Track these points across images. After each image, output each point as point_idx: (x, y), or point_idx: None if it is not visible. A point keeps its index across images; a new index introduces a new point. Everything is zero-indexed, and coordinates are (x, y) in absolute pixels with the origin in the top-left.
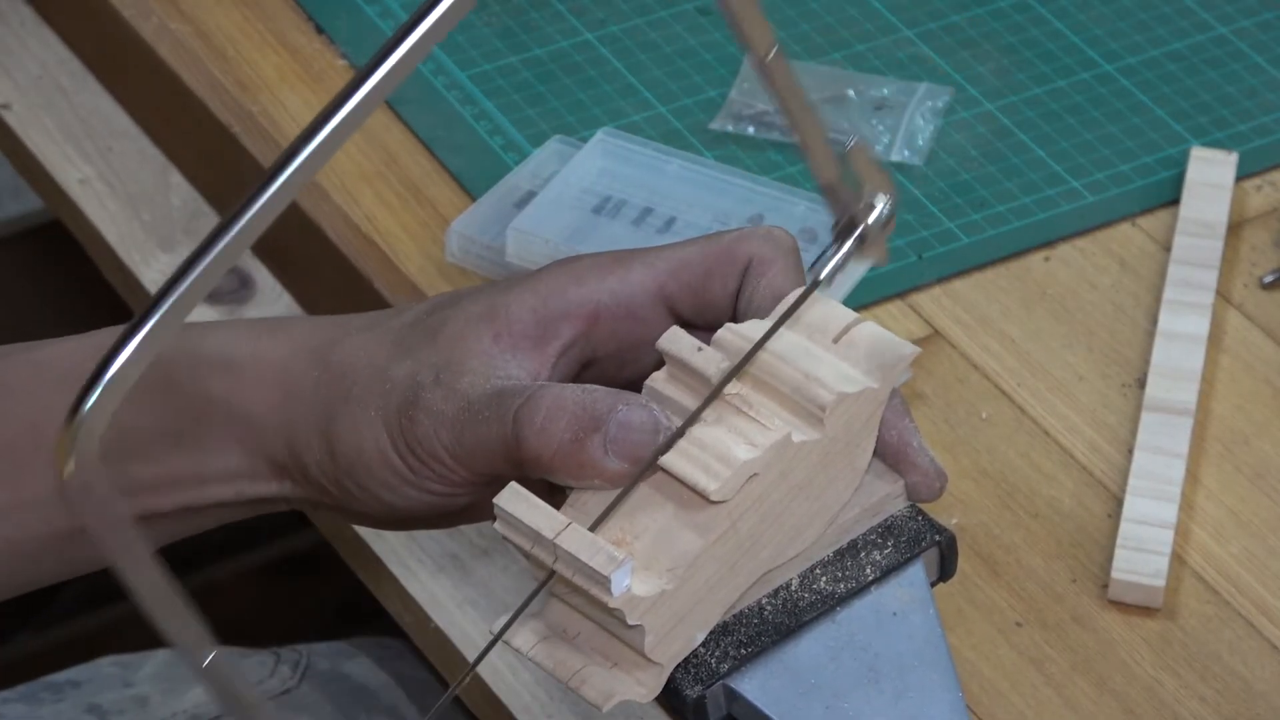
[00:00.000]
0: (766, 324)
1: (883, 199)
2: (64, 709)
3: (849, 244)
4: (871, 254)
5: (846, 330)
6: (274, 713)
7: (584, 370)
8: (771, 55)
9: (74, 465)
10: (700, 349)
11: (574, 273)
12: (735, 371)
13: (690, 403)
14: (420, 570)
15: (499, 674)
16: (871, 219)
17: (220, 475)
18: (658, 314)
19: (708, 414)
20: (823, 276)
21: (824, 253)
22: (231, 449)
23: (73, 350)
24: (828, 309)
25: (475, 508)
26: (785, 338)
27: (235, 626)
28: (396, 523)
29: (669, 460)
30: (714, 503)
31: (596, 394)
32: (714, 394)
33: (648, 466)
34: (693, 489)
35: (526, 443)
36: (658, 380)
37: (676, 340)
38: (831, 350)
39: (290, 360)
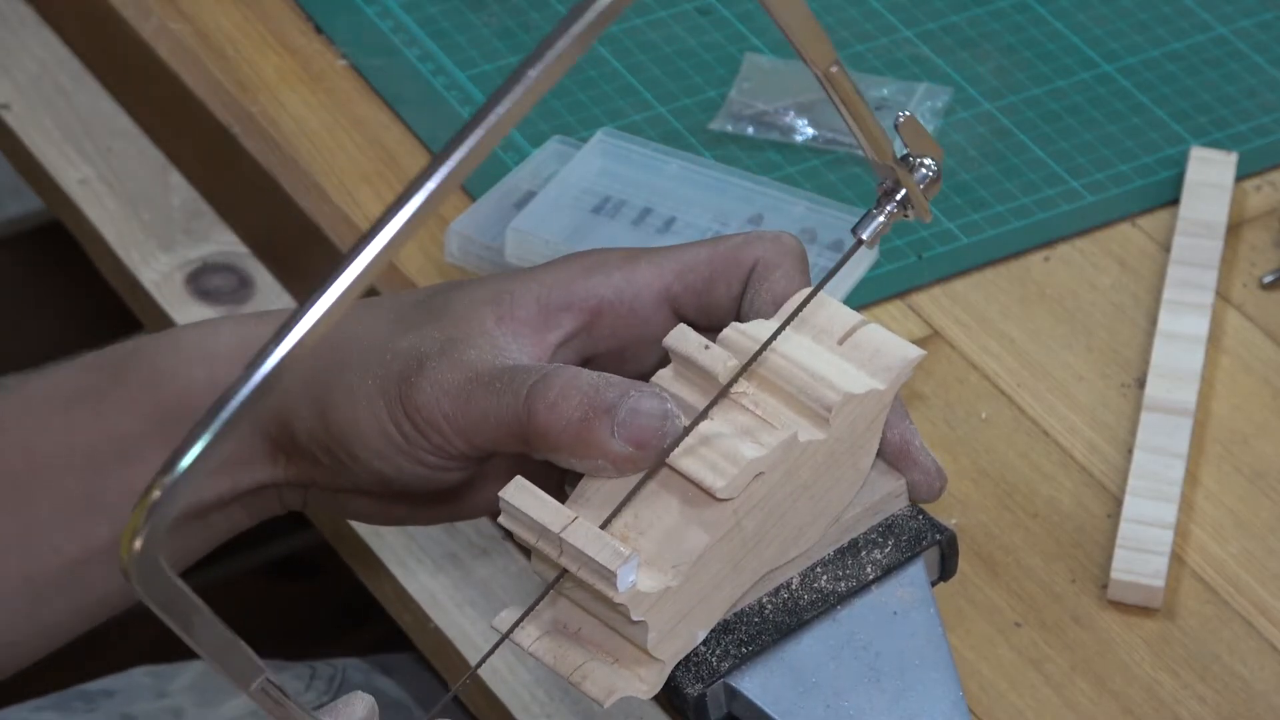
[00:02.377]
0: (775, 322)
1: (927, 162)
2: (97, 718)
3: (892, 204)
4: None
5: (852, 332)
6: None
7: (585, 365)
8: (834, 69)
9: (140, 544)
10: (707, 347)
11: (582, 266)
12: (744, 369)
13: (696, 400)
14: (420, 570)
15: (498, 673)
16: (915, 177)
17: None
18: (661, 314)
19: (715, 412)
20: (865, 236)
21: (867, 213)
22: None
23: (62, 370)
24: (834, 311)
25: (463, 503)
26: (792, 339)
27: (235, 627)
28: (388, 507)
29: (676, 458)
30: (720, 500)
31: (611, 379)
32: (723, 392)
33: (655, 461)
34: (699, 486)
35: (537, 417)
36: (664, 378)
37: (684, 338)
38: (837, 352)
39: None
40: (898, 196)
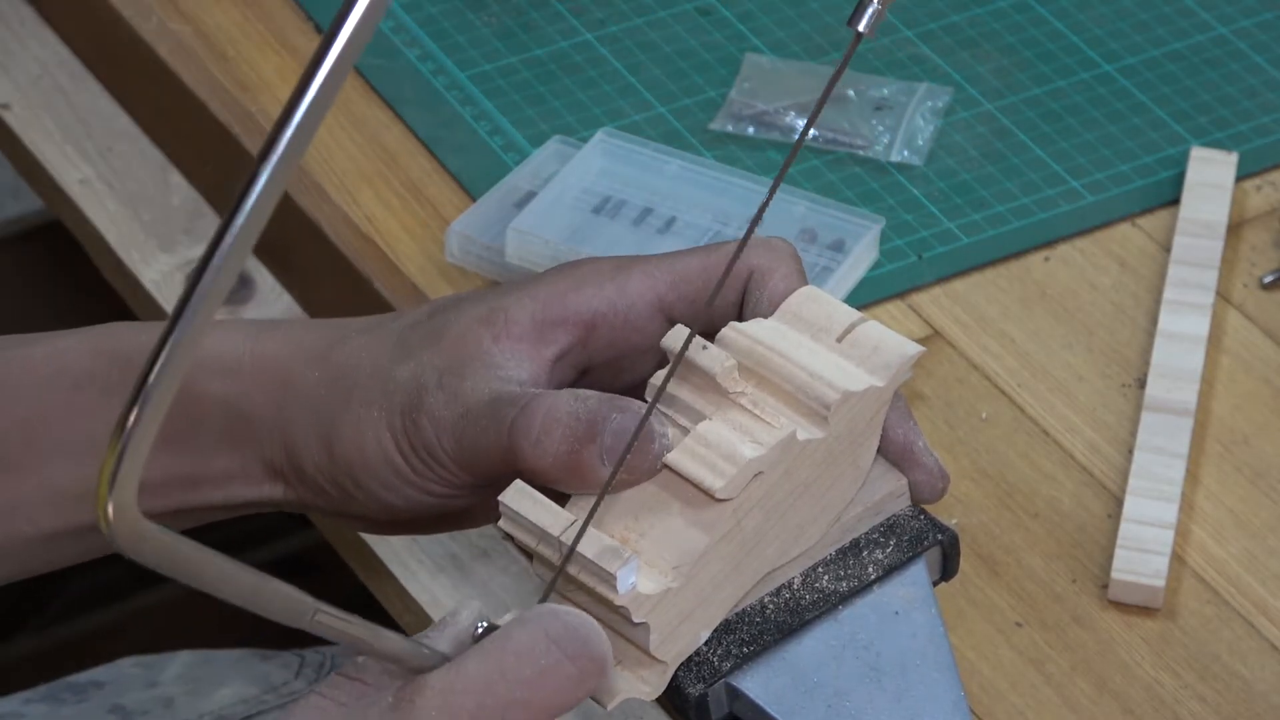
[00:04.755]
0: (773, 321)
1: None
2: (87, 709)
3: None
4: None
5: (850, 329)
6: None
7: (581, 377)
8: None
9: (114, 517)
10: (705, 347)
11: (574, 279)
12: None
13: (695, 401)
14: (420, 571)
15: None
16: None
17: (214, 477)
18: (656, 323)
19: (714, 412)
20: (863, 28)
21: (860, 2)
22: (226, 451)
23: (69, 347)
24: (832, 308)
25: (471, 514)
26: (790, 337)
27: (235, 627)
28: (393, 525)
29: (674, 459)
30: (719, 501)
31: (590, 402)
32: (676, 363)
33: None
34: (698, 487)
35: (523, 455)
36: (662, 379)
37: (681, 339)
38: (835, 349)
39: (290, 360)
40: None
